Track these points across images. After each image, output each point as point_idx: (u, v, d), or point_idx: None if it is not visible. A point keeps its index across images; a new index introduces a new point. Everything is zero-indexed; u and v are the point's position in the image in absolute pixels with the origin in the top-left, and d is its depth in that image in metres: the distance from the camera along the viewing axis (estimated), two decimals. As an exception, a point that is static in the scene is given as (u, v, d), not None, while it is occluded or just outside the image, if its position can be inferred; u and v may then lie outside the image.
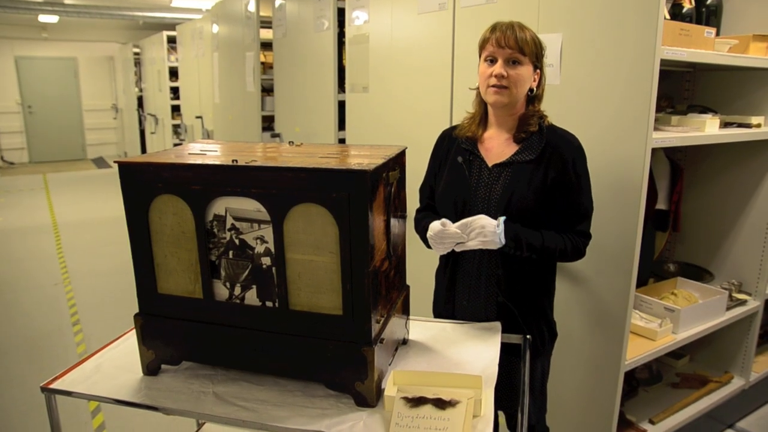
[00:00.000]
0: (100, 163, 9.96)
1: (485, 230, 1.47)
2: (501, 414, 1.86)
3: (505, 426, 1.88)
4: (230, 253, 1.25)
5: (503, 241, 1.49)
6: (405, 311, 1.50)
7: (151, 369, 1.35)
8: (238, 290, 1.27)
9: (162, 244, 1.28)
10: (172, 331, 1.32)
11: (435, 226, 1.51)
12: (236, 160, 1.21)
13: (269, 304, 1.26)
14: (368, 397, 1.23)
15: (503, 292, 1.62)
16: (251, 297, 1.27)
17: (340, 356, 1.23)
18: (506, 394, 1.68)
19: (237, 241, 1.24)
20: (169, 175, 1.23)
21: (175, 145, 6.88)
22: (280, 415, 1.21)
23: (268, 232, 1.21)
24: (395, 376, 1.29)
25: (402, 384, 1.27)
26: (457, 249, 1.52)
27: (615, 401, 1.95)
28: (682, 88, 2.54)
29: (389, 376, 1.30)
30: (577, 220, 1.57)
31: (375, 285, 1.22)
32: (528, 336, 1.54)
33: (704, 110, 2.31)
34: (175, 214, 1.25)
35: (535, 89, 1.56)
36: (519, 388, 1.48)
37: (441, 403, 1.18)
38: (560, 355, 2.02)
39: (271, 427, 1.19)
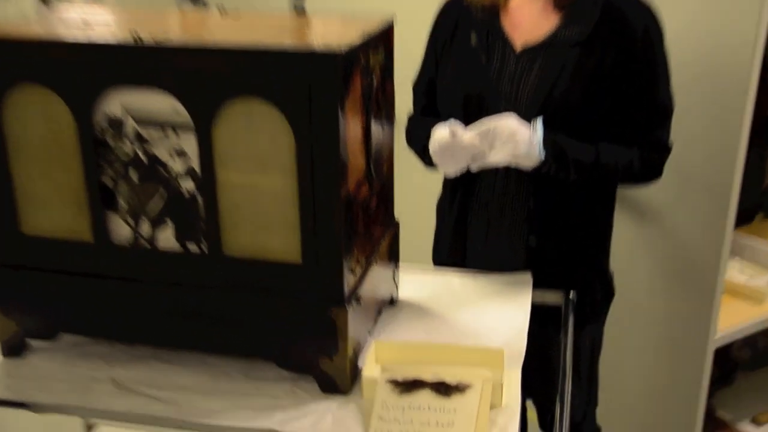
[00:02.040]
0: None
1: (516, 138, 1.47)
2: (531, 406, 1.93)
3: (537, 424, 1.96)
4: (133, 173, 1.25)
5: (541, 155, 1.50)
6: (393, 258, 1.52)
7: (12, 347, 1.36)
8: (146, 229, 1.28)
9: (25, 161, 1.27)
10: (45, 290, 1.32)
11: (441, 133, 1.51)
12: (138, 36, 1.18)
13: (193, 248, 1.27)
14: (338, 380, 1.26)
15: (536, 232, 1.65)
16: (166, 239, 1.27)
17: (298, 322, 1.24)
18: (539, 378, 1.72)
19: (143, 157, 1.23)
20: (34, 56, 1.20)
21: (42, 13, 6.66)
22: (212, 409, 1.23)
23: (189, 142, 1.20)
24: (378, 351, 1.31)
25: (388, 361, 1.29)
26: (473, 167, 1.53)
27: (700, 391, 2.01)
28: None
29: (369, 349, 1.32)
30: (650, 125, 1.58)
31: (349, 220, 1.22)
32: (572, 294, 1.57)
33: None
34: (46, 116, 1.23)
35: None
36: (557, 369, 1.51)
37: (444, 389, 1.21)
38: (619, 324, 2.05)
39: (199, 425, 1.21)
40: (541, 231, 1.65)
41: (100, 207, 1.27)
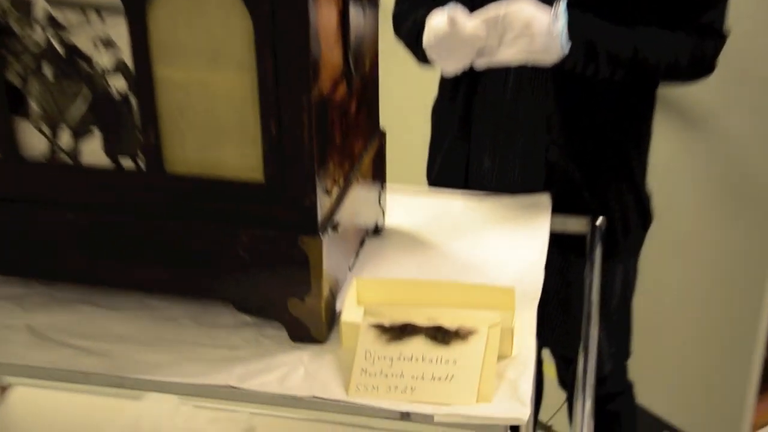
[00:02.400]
0: None
1: (532, 29, 1.47)
2: (548, 358, 1.94)
3: (555, 381, 1.97)
4: (47, 69, 1.23)
5: (564, 48, 1.49)
6: (378, 176, 1.52)
7: None
8: (66, 140, 1.27)
9: None
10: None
11: (437, 22, 1.51)
12: None
13: (127, 164, 1.26)
14: (311, 327, 1.26)
15: (557, 143, 1.65)
16: (93, 152, 1.26)
17: (261, 255, 1.24)
18: (558, 322, 1.74)
19: (59, 47, 1.21)
20: None
21: None
22: (154, 362, 1.23)
23: (118, 28, 1.18)
24: (361, 290, 1.32)
25: (373, 302, 1.29)
26: (478, 65, 1.52)
27: (756, 340, 2.03)
28: None
29: (350, 288, 1.32)
30: (700, 4, 1.57)
31: (322, 128, 1.21)
32: (600, 220, 1.56)
33: None
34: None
35: None
36: (580, 311, 1.51)
37: (441, 335, 1.21)
38: (657, 257, 2.07)
39: (137, 382, 1.21)
40: (563, 142, 1.65)
41: (6, 112, 1.26)
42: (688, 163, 2.06)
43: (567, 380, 1.92)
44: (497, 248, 1.50)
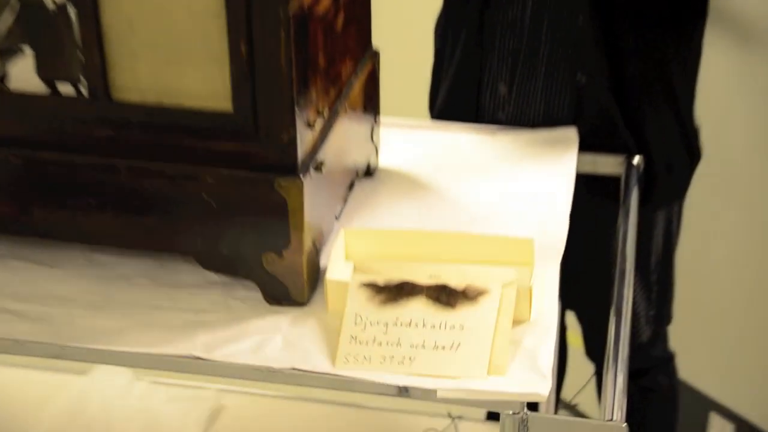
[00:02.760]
0: None
1: None
2: (573, 323, 1.94)
3: (582, 347, 1.97)
4: None
5: None
6: (370, 106, 1.53)
7: None
8: None
9: None
10: None
11: None
12: None
13: (66, 90, 1.26)
14: (291, 287, 1.27)
15: (588, 65, 1.64)
16: (23, 75, 1.26)
17: (230, 201, 1.24)
18: (586, 281, 1.75)
19: None
20: None
21: None
22: (103, 328, 1.24)
23: None
24: (350, 243, 1.32)
25: (364, 258, 1.30)
26: None
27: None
28: None
29: (337, 241, 1.33)
30: None
31: (302, 46, 1.21)
32: (637, 159, 1.57)
33: None
34: None
35: None
36: (613, 268, 1.51)
37: (446, 296, 1.21)
38: (706, 202, 2.07)
39: (83, 352, 1.22)
40: (595, 63, 1.64)
41: None
42: (744, 89, 2.05)
43: (595, 350, 1.93)
44: (513, 192, 1.50)
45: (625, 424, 1.15)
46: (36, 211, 1.31)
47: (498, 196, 1.49)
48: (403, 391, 1.13)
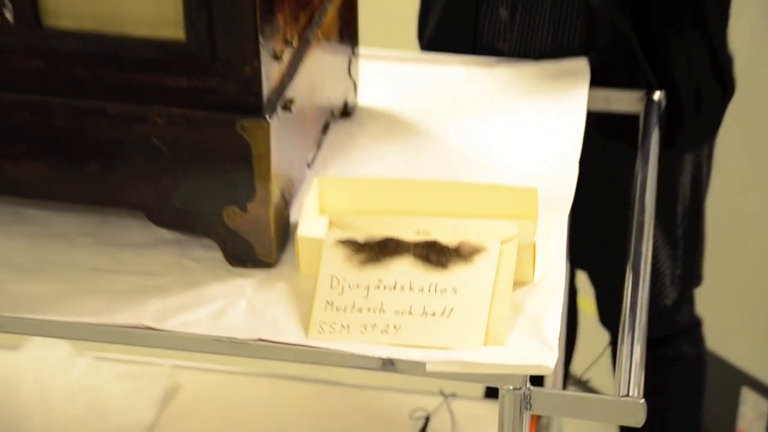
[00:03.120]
0: None
1: None
2: (584, 286, 1.95)
3: (595, 314, 1.99)
4: None
5: None
6: (347, 34, 1.52)
7: None
8: None
9: None
10: None
11: None
12: None
13: None
14: (256, 244, 1.28)
15: None
16: None
17: (184, 146, 1.24)
18: (599, 237, 1.76)
19: None
20: None
21: None
22: (38, 294, 1.25)
23: None
24: (324, 193, 1.33)
25: (341, 211, 1.31)
26: None
27: None
28: None
29: (309, 192, 1.33)
30: None
31: None
32: (658, 94, 1.57)
33: None
34: None
35: None
36: (630, 219, 1.51)
37: (437, 255, 1.22)
38: (742, 143, 2.08)
39: (15, 323, 1.23)
40: None
41: None
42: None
43: (611, 317, 1.93)
44: (514, 134, 1.51)
45: (643, 400, 1.13)
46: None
47: (497, 139, 1.50)
48: (388, 365, 1.13)
